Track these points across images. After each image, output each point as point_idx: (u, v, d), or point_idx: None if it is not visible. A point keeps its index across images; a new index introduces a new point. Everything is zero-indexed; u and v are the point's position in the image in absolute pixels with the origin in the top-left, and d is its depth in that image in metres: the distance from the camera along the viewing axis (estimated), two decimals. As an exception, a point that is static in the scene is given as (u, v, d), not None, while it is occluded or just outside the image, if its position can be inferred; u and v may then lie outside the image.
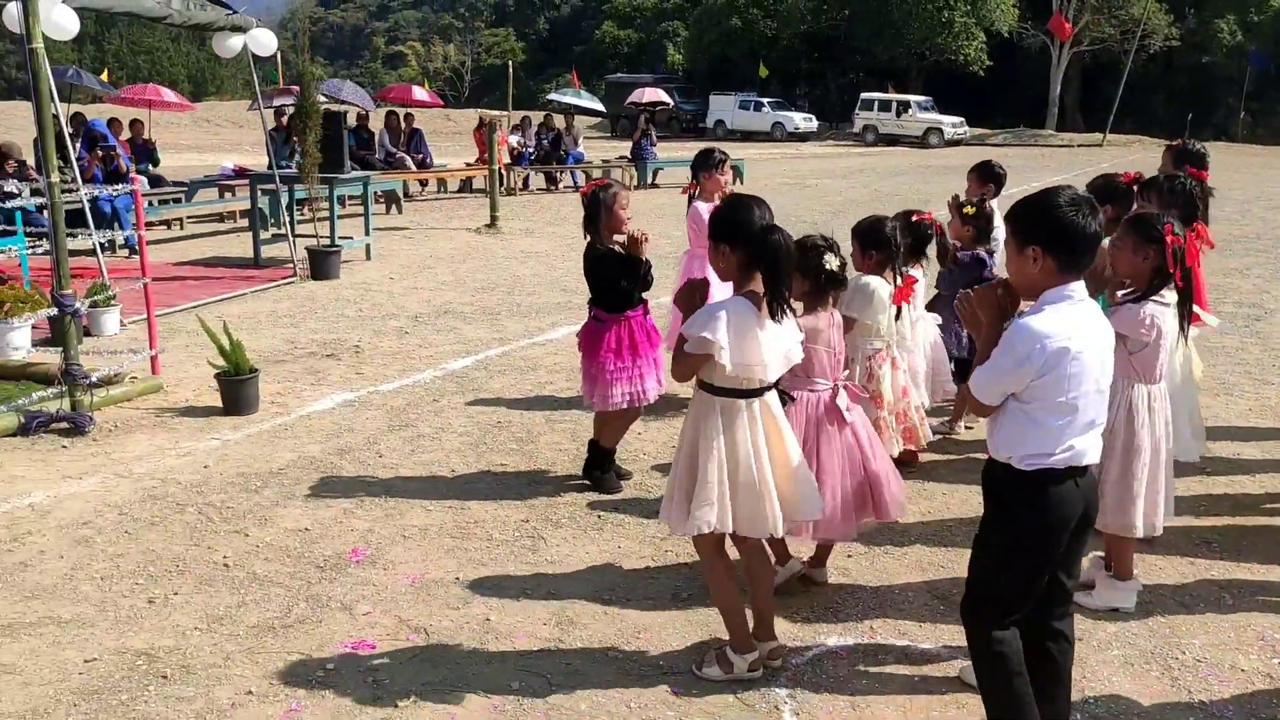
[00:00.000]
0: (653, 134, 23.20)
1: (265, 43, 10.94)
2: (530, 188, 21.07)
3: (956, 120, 42.64)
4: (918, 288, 5.11)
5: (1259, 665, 3.66)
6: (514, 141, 20.51)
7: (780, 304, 3.26)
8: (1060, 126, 48.14)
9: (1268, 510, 5.07)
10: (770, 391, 3.45)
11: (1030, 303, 2.84)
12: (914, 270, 5.16)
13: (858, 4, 50.42)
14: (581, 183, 17.14)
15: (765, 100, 46.49)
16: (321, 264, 10.70)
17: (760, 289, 3.29)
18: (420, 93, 24.34)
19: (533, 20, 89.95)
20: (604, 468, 5.24)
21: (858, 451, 3.93)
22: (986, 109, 48.78)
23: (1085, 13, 47.09)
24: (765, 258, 3.24)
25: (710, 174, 6.11)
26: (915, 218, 5.26)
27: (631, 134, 24.94)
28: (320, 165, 10.79)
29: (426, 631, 3.83)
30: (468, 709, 3.36)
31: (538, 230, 14.89)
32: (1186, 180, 4.71)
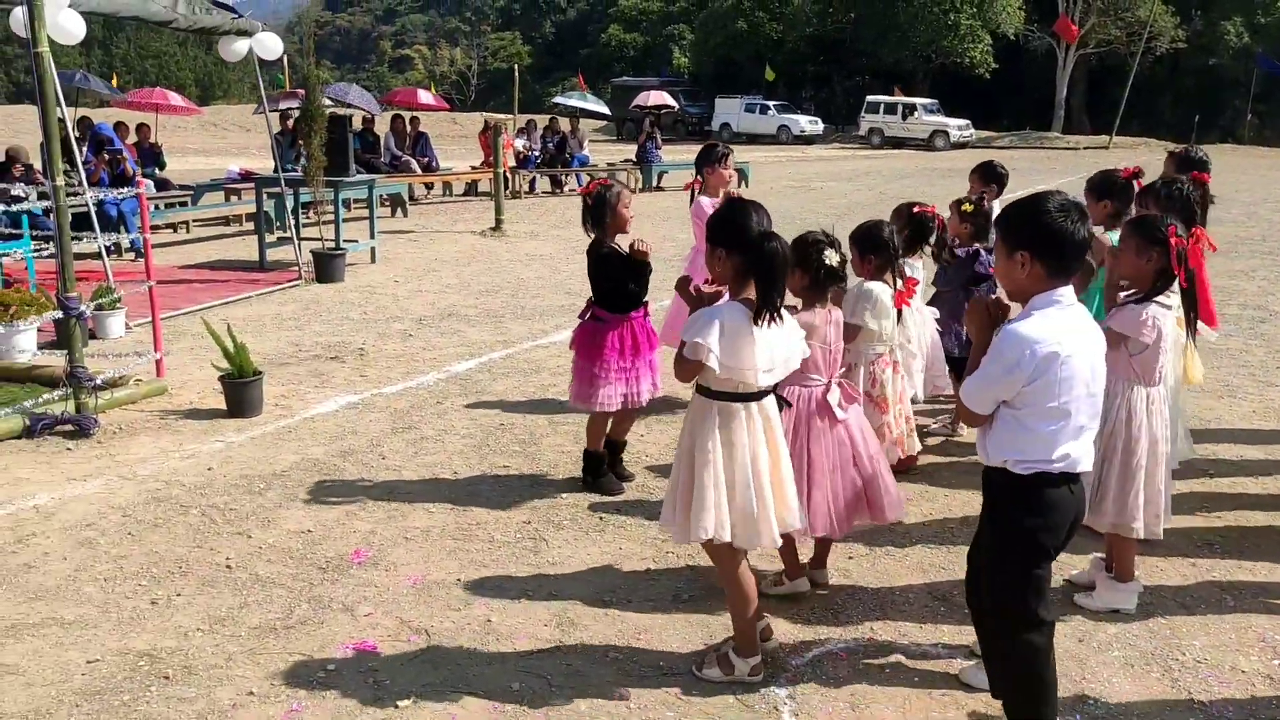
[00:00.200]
0: (658, 137, 23.23)
1: (271, 46, 11.00)
2: (536, 191, 21.11)
3: (962, 123, 42.60)
4: (918, 287, 5.11)
5: (1260, 667, 3.65)
6: (520, 145, 20.55)
7: (770, 312, 3.25)
8: (1066, 129, 48.09)
9: (1270, 512, 5.06)
10: (768, 396, 3.45)
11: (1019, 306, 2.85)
12: (913, 263, 5.16)
13: (864, 7, 50.41)
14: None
15: (771, 103, 46.50)
16: (326, 267, 10.73)
17: (754, 296, 3.29)
18: (426, 96, 24.36)
19: (539, 24, 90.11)
20: (596, 470, 5.24)
21: (849, 450, 3.91)
22: (992, 111, 48.75)
23: (1091, 15, 47.04)
24: (761, 265, 3.24)
25: (714, 168, 6.11)
26: (916, 209, 5.27)
27: (637, 137, 24.95)
28: (325, 168, 10.82)
29: (428, 632, 3.85)
30: (468, 710, 3.37)
31: (542, 233, 14.92)
32: (1184, 185, 4.71)
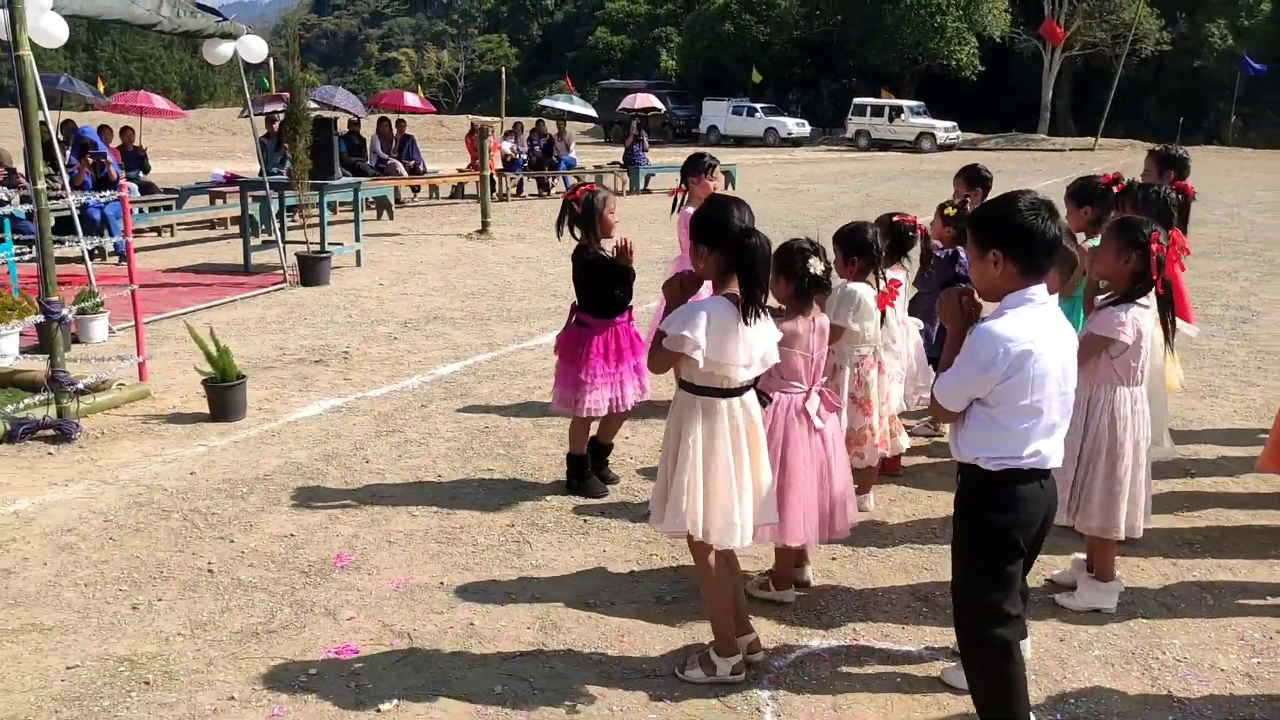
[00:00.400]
0: (645, 140, 23.23)
1: (255, 50, 10.95)
2: (522, 193, 21.10)
3: (949, 125, 42.73)
4: (900, 289, 5.12)
5: (1238, 665, 3.68)
6: (507, 148, 20.53)
7: (755, 307, 3.27)
8: (1052, 131, 48.29)
9: (1250, 511, 5.09)
10: (749, 391, 3.47)
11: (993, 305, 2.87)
12: (895, 272, 5.18)
13: (850, 9, 50.55)
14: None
15: (758, 105, 46.55)
16: (311, 270, 10.70)
17: (738, 291, 3.30)
18: (412, 99, 24.31)
19: (526, 26, 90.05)
20: (580, 474, 5.24)
21: (825, 459, 3.93)
22: (979, 114, 48.90)
23: (1077, 17, 47.27)
24: (742, 260, 3.26)
25: (699, 179, 6.08)
26: (896, 218, 5.29)
27: (624, 140, 24.96)
28: (310, 171, 10.80)
29: (410, 636, 3.84)
30: (450, 713, 3.36)
31: (529, 236, 14.91)
32: (1161, 189, 4.74)
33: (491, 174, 16.65)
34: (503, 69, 34.94)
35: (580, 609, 4.06)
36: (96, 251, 11.23)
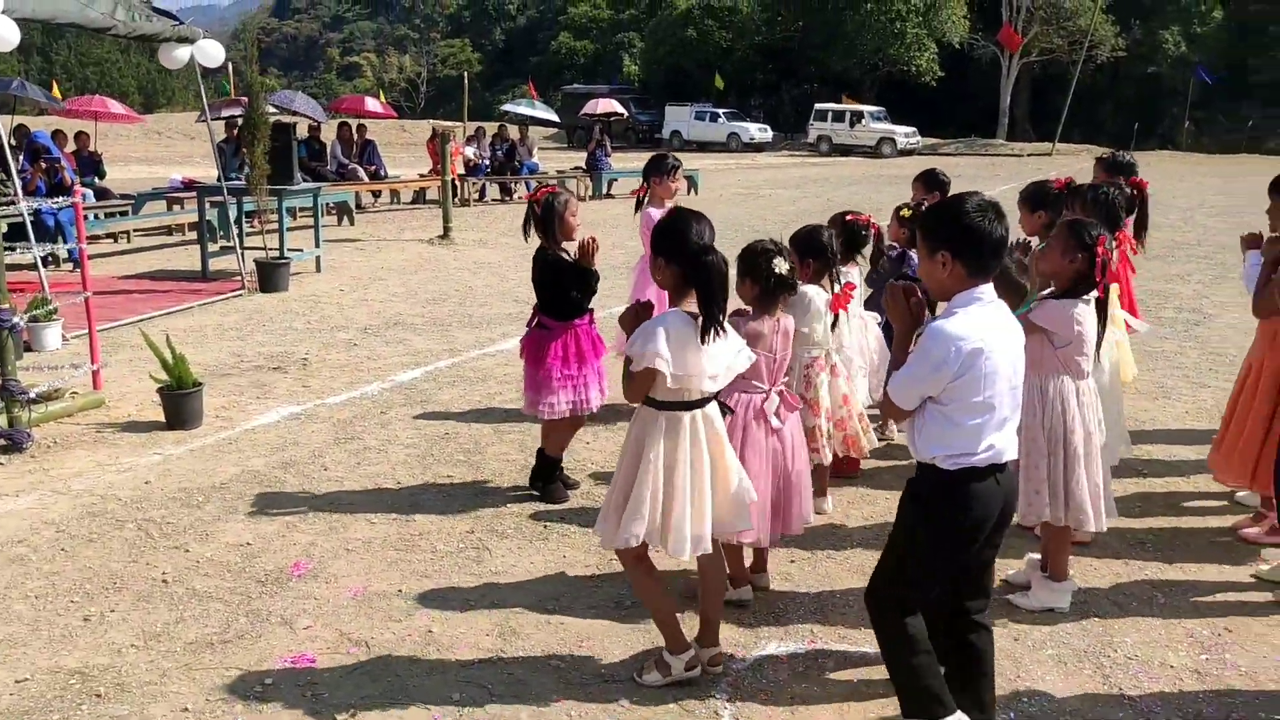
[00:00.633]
0: (607, 144, 23.27)
1: (212, 54, 10.83)
2: (485, 198, 21.04)
3: (909, 130, 43.13)
4: (855, 292, 5.17)
5: (1188, 662, 3.74)
6: (469, 153, 20.46)
7: (712, 325, 3.26)
8: (1011, 136, 48.86)
9: (1200, 511, 5.18)
10: (711, 403, 3.48)
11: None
12: (849, 270, 5.22)
13: (811, 15, 50.91)
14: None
15: (721, 111, 46.75)
16: (270, 276, 10.62)
17: (695, 307, 3.31)
18: (373, 104, 24.17)
19: (489, 31, 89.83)
20: (549, 478, 5.25)
21: (782, 459, 3.96)
22: (939, 119, 49.36)
23: (1034, 24, 47.91)
24: (699, 277, 3.27)
25: (661, 180, 6.16)
26: (849, 217, 5.34)
27: (587, 145, 24.97)
28: (269, 177, 10.71)
29: (368, 644, 3.81)
30: (407, 721, 3.35)
31: (491, 241, 14.87)
32: (1110, 191, 4.82)
33: (453, 179, 16.59)
34: (465, 74, 34.81)
35: (540, 614, 4.05)
36: (50, 258, 11.06)
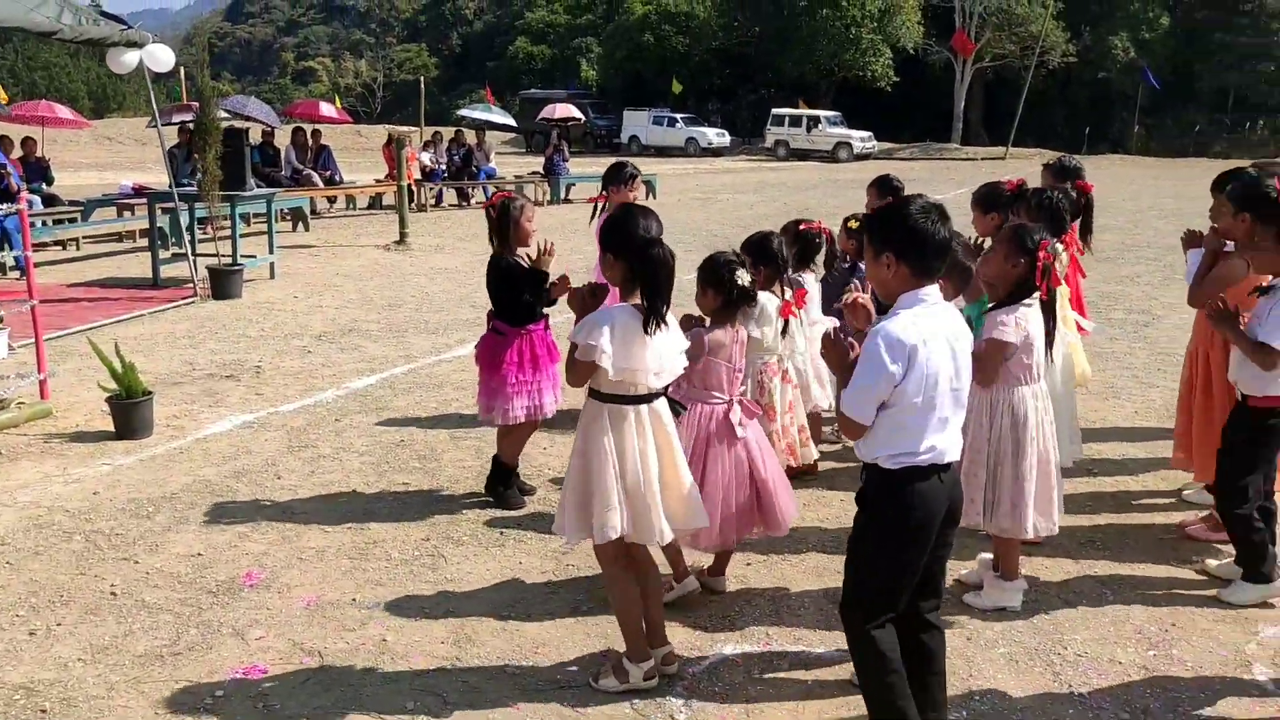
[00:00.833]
0: (565, 149, 23.23)
1: (162, 58, 10.68)
2: (442, 204, 20.94)
3: (865, 135, 43.44)
4: (810, 297, 5.19)
5: (1135, 658, 3.80)
6: (425, 159, 20.34)
7: (656, 318, 3.29)
8: (965, 141, 49.43)
9: (1149, 509, 5.26)
10: (660, 399, 3.49)
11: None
12: (805, 277, 5.25)
13: (767, 21, 51.22)
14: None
15: (679, 116, 46.85)
16: (223, 283, 10.49)
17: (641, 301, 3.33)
18: (328, 109, 23.98)
19: (445, 36, 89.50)
20: (506, 483, 5.23)
21: (747, 465, 3.97)
22: (895, 124, 49.81)
23: (987, 30, 48.53)
24: (646, 269, 3.29)
25: (619, 188, 6.11)
26: (803, 226, 5.37)
27: (545, 150, 24.92)
28: (221, 183, 10.58)
29: (320, 654, 3.78)
30: (360, 731, 3.32)
31: (448, 246, 14.80)
32: (1054, 195, 4.89)
33: (409, 184, 16.49)
34: (422, 79, 34.62)
35: (495, 621, 4.03)
36: (-4, 266, 10.87)
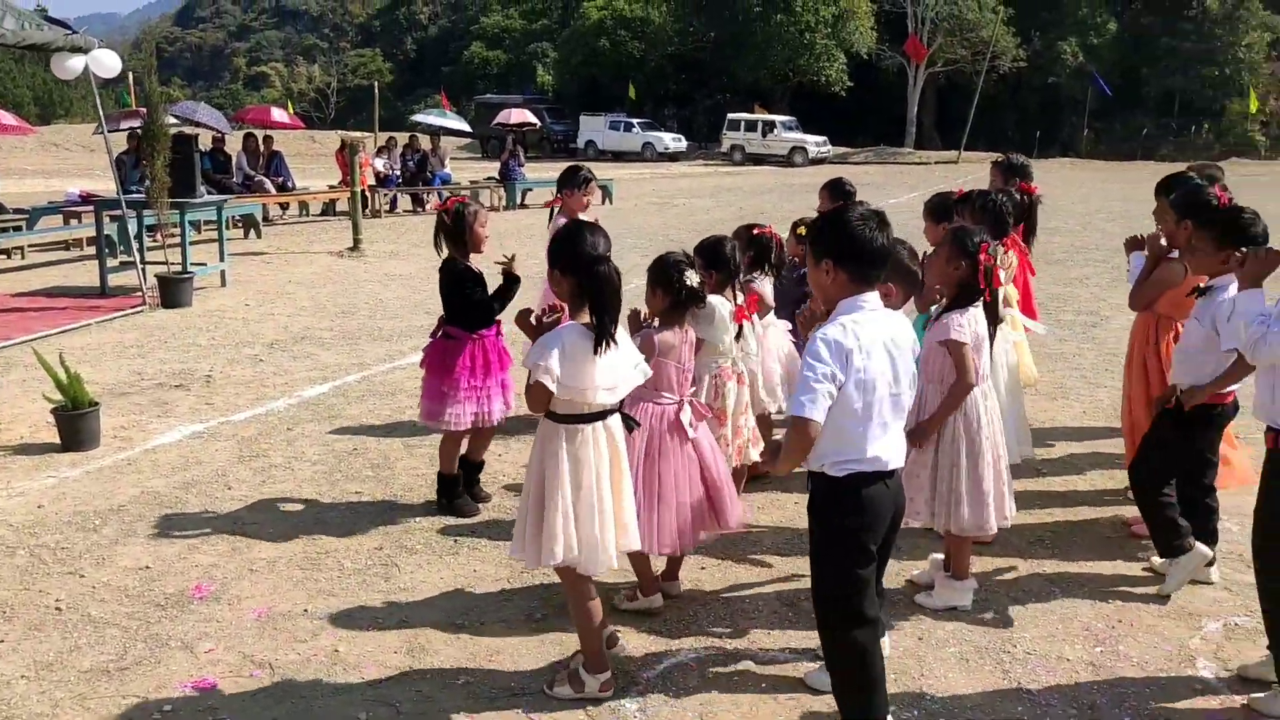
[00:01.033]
0: (520, 155, 23.20)
1: (108, 64, 10.52)
2: (396, 210, 20.81)
3: (820, 140, 43.81)
4: (763, 301, 5.22)
5: (1083, 655, 3.85)
6: (380, 165, 20.20)
7: (605, 337, 3.29)
8: (919, 145, 50.03)
9: (1096, 506, 5.35)
10: (614, 415, 3.49)
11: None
12: (760, 281, 5.28)
13: (722, 26, 51.46)
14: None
15: (635, 121, 46.95)
16: (172, 292, 10.35)
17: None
18: (279, 114, 23.76)
19: (400, 41, 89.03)
20: (451, 494, 5.19)
21: (698, 466, 3.99)
22: (849, 128, 50.30)
23: (939, 36, 49.15)
24: (592, 287, 3.29)
25: (573, 192, 6.06)
26: (755, 231, 5.40)
27: (500, 155, 24.86)
28: (171, 190, 10.44)
29: (271, 666, 3.74)
30: (311, 743, 3.29)
31: (403, 253, 14.71)
32: (998, 198, 4.96)
33: (363, 190, 16.37)
34: (376, 84, 34.36)
35: (449, 630, 4.01)
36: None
